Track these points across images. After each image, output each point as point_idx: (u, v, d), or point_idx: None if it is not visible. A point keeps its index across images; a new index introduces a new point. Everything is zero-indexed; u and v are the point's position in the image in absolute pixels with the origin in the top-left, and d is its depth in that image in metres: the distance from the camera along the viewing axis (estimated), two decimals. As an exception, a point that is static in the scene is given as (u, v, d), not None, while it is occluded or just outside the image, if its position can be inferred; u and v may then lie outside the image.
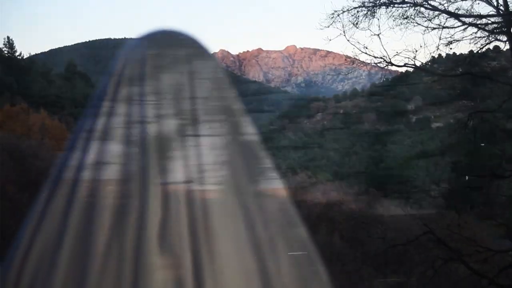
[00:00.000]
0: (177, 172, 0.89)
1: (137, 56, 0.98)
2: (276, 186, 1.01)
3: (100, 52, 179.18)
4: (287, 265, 0.94)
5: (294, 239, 0.98)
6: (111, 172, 0.89)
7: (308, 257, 0.99)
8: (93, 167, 0.90)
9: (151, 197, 0.87)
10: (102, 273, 0.83)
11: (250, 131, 1.01)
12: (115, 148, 0.91)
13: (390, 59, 12.51)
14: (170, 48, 0.99)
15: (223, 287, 0.86)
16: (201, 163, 0.91)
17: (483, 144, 16.75)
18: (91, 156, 0.91)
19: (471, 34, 12.51)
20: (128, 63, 0.98)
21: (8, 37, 62.73)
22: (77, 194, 0.89)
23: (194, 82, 0.97)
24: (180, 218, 0.87)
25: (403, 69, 14.23)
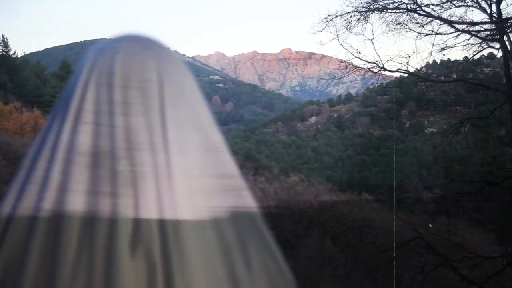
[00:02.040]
0: (147, 189, 0.87)
1: (104, 60, 0.96)
2: (248, 201, 0.99)
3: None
4: (258, 272, 0.92)
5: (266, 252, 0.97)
6: (78, 183, 0.86)
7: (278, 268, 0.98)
8: (58, 185, 0.87)
9: (122, 206, 0.85)
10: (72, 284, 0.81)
11: (218, 137, 1.00)
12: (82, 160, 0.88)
13: (383, 64, 12.52)
14: (136, 53, 0.97)
15: None
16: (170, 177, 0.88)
17: (475, 151, 16.80)
18: (56, 172, 0.88)
19: (464, 41, 12.53)
20: (95, 66, 0.95)
21: (2, 36, 62.45)
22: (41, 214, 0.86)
23: (162, 88, 0.95)
24: (151, 224, 0.86)
25: (397, 74, 14.24)
